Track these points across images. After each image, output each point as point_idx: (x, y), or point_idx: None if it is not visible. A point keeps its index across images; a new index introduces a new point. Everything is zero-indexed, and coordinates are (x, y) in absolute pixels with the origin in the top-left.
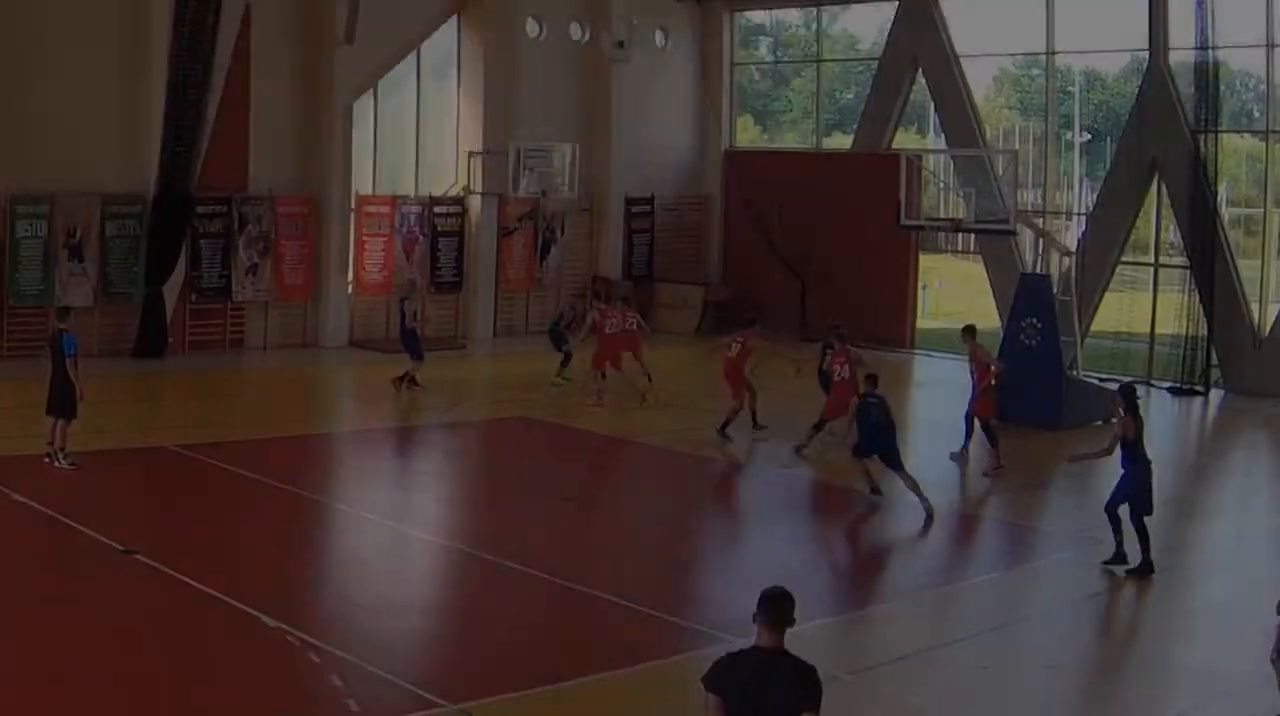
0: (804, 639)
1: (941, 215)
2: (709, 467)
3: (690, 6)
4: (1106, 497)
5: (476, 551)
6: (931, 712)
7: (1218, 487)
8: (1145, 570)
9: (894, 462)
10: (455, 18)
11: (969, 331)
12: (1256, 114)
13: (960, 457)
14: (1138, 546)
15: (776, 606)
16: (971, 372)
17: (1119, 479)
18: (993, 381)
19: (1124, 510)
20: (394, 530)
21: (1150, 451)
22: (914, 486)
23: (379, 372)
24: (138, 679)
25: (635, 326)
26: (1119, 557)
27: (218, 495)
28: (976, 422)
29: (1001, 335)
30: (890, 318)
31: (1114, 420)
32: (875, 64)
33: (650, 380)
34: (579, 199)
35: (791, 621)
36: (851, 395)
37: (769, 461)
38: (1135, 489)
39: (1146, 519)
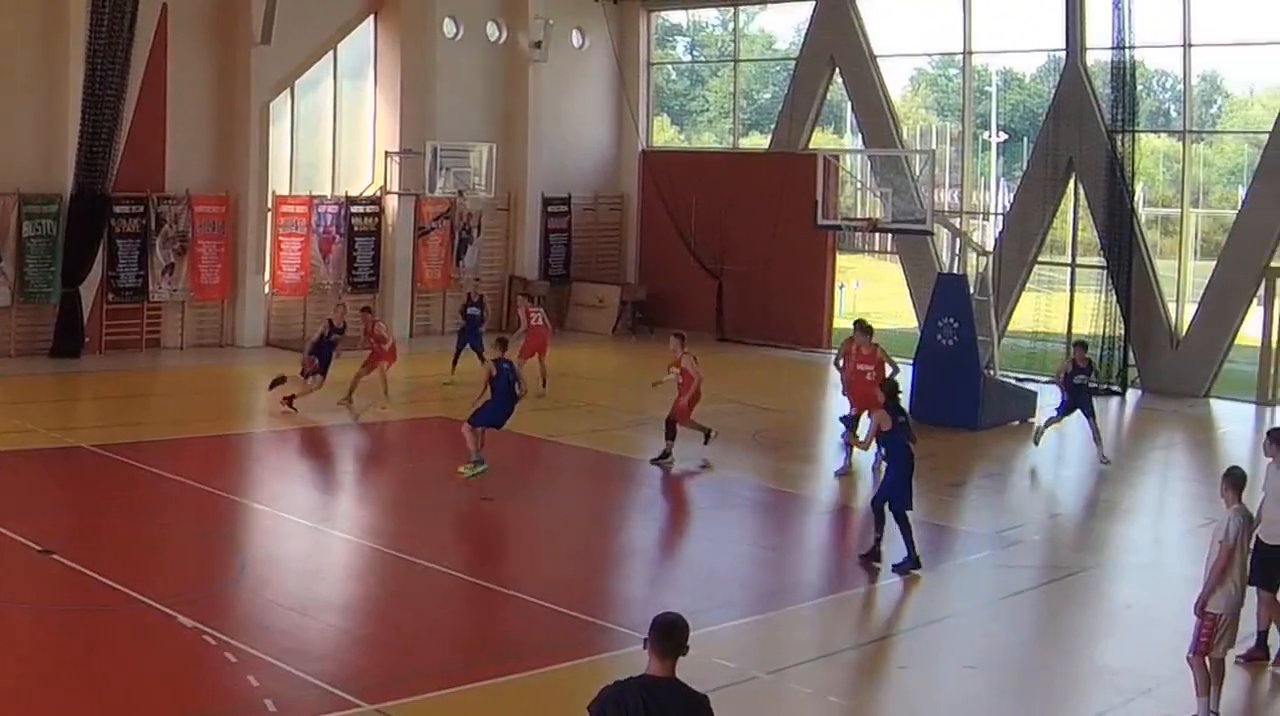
0: (723, 638)
1: (858, 215)
2: (627, 467)
3: (607, 6)
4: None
5: (394, 551)
6: (851, 712)
7: (1135, 488)
8: (910, 565)
9: None
10: (372, 18)
11: (867, 329)
12: (1173, 114)
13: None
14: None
15: (668, 635)
16: (862, 373)
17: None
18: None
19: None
20: (311, 530)
21: (1069, 451)
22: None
23: (295, 372)
24: (54, 679)
25: (541, 322)
26: (874, 554)
27: (135, 495)
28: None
29: (919, 335)
30: (807, 317)
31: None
32: (792, 64)
33: (545, 385)
34: (496, 199)
35: (684, 649)
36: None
37: (687, 461)
38: (891, 486)
39: (910, 513)
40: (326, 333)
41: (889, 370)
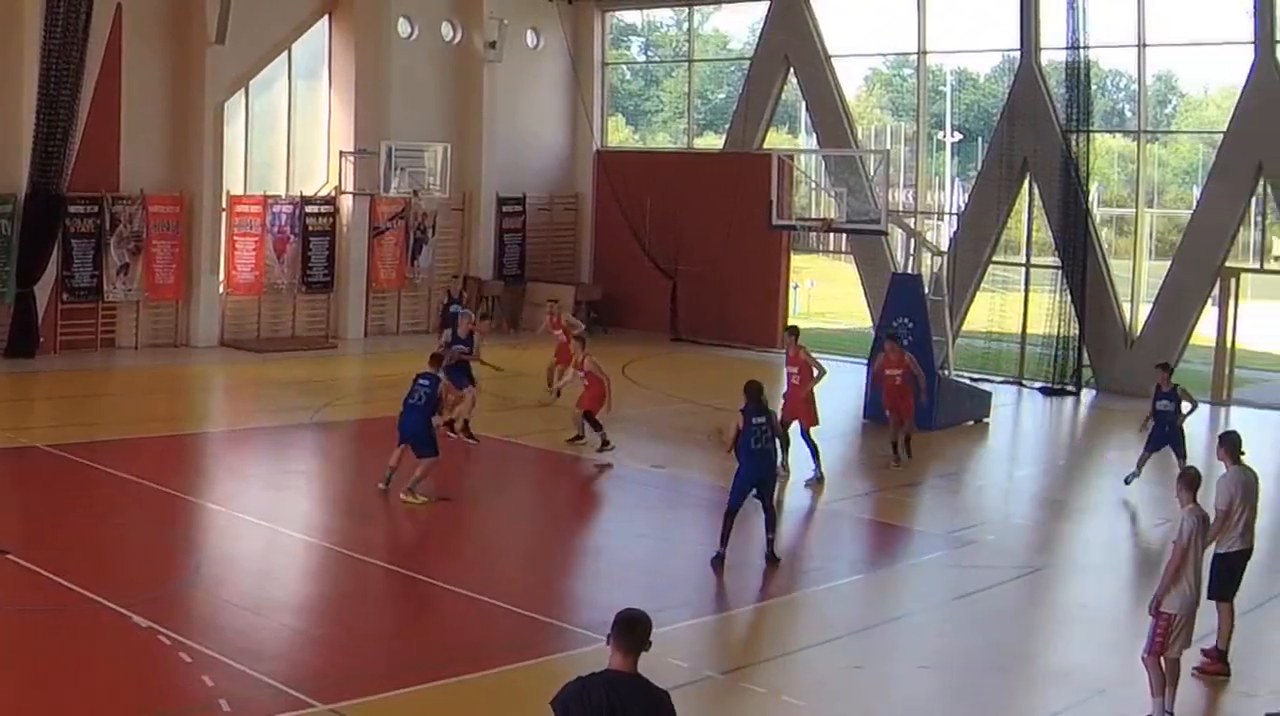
0: (677, 639)
1: (813, 215)
2: (582, 467)
3: (561, 6)
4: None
5: (349, 551)
6: (805, 712)
7: (1090, 488)
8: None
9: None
10: (326, 18)
11: (793, 332)
12: (1128, 113)
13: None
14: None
15: (631, 630)
16: (789, 376)
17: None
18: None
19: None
20: (267, 530)
21: (1023, 451)
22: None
23: (250, 372)
24: (8, 679)
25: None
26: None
27: (90, 495)
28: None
29: (873, 335)
30: (761, 317)
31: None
32: (747, 64)
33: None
34: (451, 198)
35: (647, 645)
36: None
37: (642, 461)
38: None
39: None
40: (446, 303)
41: (815, 373)
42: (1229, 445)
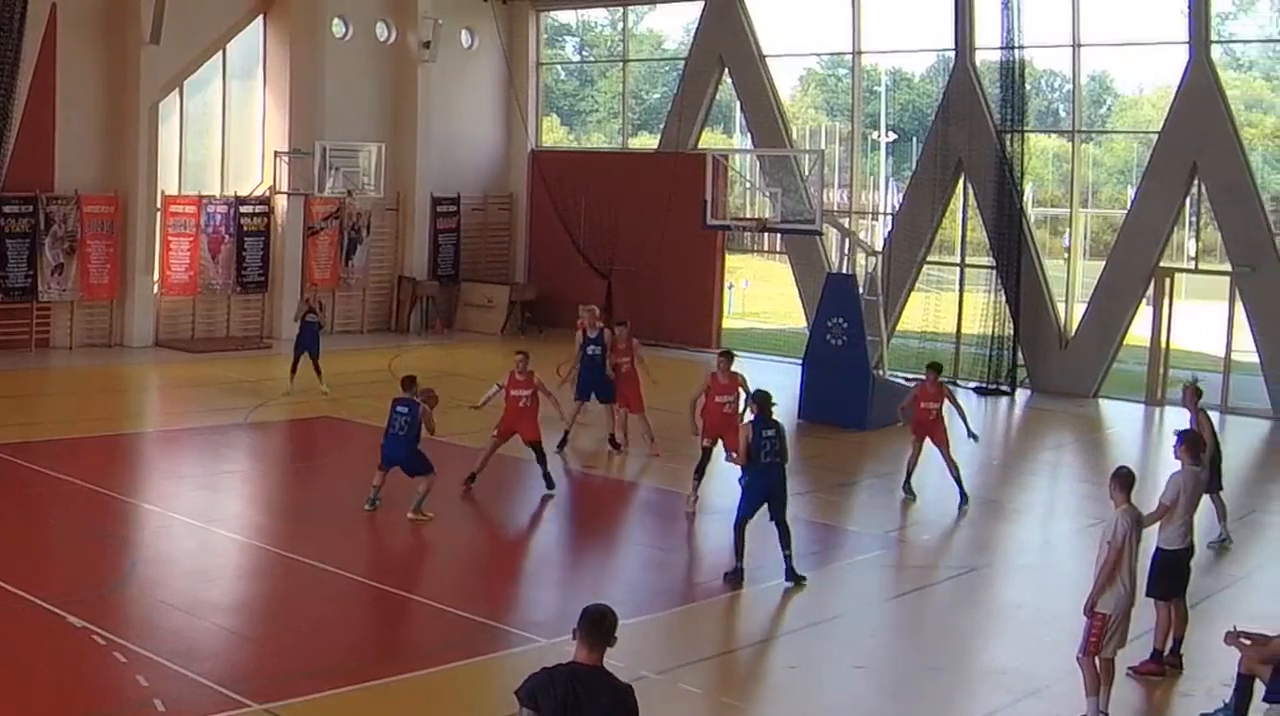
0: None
1: (747, 215)
2: (518, 468)
3: (496, 6)
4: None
5: (284, 552)
6: (741, 712)
7: (1025, 488)
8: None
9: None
10: (261, 18)
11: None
12: (1063, 113)
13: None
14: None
15: (598, 624)
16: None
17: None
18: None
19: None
20: (201, 530)
21: (958, 451)
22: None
23: (185, 373)
24: None
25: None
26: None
27: (24, 495)
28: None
29: (808, 335)
30: (696, 317)
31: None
32: (681, 64)
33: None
34: (385, 198)
35: (613, 640)
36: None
37: (574, 462)
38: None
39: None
40: (303, 313)
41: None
42: (1189, 444)
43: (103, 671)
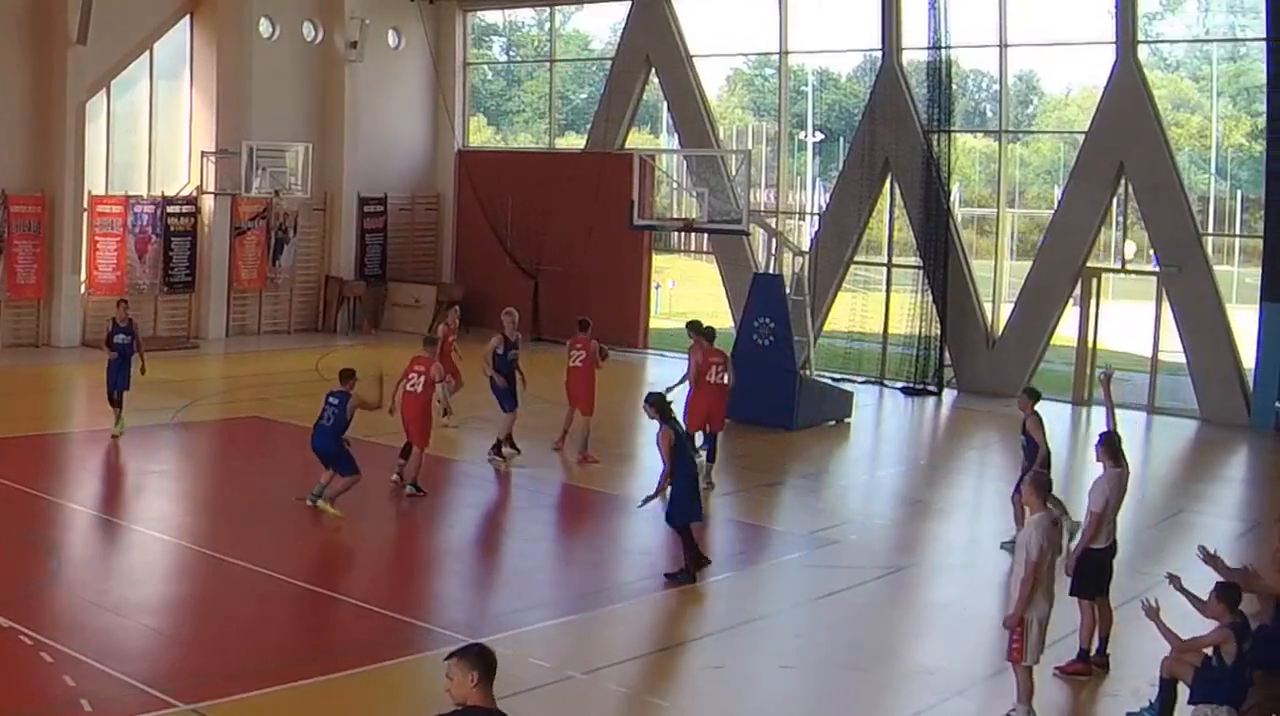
0: (540, 639)
1: (674, 215)
2: (443, 468)
3: (423, 6)
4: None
5: (211, 551)
6: (667, 712)
7: (951, 488)
8: (688, 577)
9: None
10: (188, 18)
11: (703, 330)
12: (989, 114)
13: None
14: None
15: (491, 661)
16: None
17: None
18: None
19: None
20: (128, 529)
21: (885, 451)
22: None
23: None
24: None
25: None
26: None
27: None
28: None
29: (735, 335)
30: (624, 317)
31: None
32: (608, 64)
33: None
34: (312, 198)
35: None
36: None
37: (511, 463)
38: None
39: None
40: (111, 330)
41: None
42: (1110, 446)
43: (29, 671)
